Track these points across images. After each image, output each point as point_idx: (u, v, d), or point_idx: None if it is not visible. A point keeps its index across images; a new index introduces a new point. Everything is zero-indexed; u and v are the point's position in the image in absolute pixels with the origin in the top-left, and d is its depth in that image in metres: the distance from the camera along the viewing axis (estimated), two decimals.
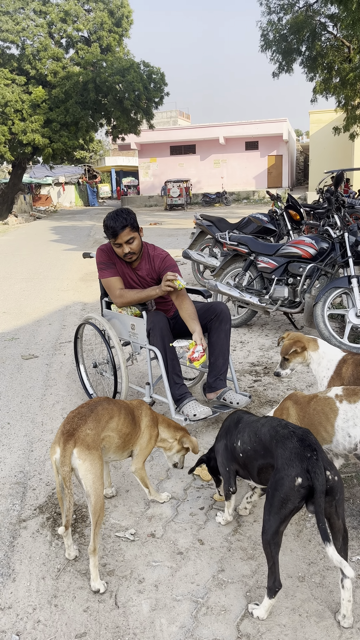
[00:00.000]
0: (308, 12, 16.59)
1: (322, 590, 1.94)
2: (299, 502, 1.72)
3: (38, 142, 21.43)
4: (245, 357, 4.54)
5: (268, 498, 1.77)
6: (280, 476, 1.75)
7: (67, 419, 2.14)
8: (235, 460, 2.13)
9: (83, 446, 2.02)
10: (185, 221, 18.27)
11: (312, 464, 1.73)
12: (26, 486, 2.73)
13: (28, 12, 22.88)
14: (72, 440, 2.02)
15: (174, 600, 1.93)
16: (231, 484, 2.19)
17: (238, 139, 30.94)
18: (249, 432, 2.04)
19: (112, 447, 2.24)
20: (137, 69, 21.75)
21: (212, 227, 7.50)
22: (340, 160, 26.18)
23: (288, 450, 1.79)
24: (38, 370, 4.45)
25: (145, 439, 2.40)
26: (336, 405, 2.21)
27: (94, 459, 2.02)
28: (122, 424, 2.26)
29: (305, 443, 1.79)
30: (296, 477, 1.72)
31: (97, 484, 1.99)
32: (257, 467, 1.98)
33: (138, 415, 2.41)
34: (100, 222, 20.68)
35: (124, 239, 3.16)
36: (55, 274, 9.49)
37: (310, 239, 4.95)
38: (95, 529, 1.98)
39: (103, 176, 43.55)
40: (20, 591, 2.01)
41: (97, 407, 2.20)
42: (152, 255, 3.35)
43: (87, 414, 2.14)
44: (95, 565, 1.98)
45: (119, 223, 3.12)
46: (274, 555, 1.75)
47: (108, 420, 2.20)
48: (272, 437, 1.89)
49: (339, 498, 1.75)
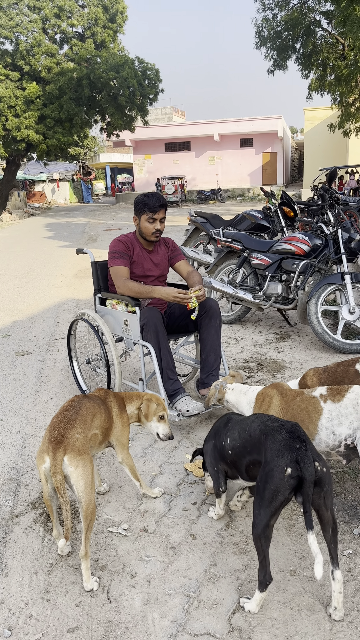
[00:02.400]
0: (302, 8, 16.58)
1: (313, 584, 1.95)
2: (288, 494, 1.74)
3: (32, 138, 21.31)
4: (239, 353, 4.54)
5: (258, 491, 1.78)
6: (270, 467, 1.77)
7: (52, 425, 2.07)
8: (224, 460, 2.14)
9: (74, 452, 1.96)
10: (179, 218, 18.25)
11: (301, 454, 1.75)
12: (19, 482, 2.73)
13: (22, 7, 22.73)
14: (61, 448, 1.96)
15: (166, 594, 1.94)
16: (220, 484, 2.21)
17: (233, 136, 30.92)
18: (239, 429, 2.07)
19: (96, 444, 2.22)
20: (132, 65, 21.65)
21: (206, 223, 7.50)
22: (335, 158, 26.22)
23: (277, 442, 1.81)
24: (31, 366, 4.44)
25: (119, 427, 2.35)
26: (320, 405, 2.23)
27: (86, 464, 1.97)
28: (103, 419, 2.25)
29: (294, 435, 1.82)
30: (286, 467, 1.74)
31: (88, 489, 1.95)
32: (245, 463, 2.00)
33: (109, 405, 2.35)
34: (94, 219, 20.64)
35: (159, 216, 3.35)
36: (49, 270, 9.47)
37: (304, 235, 4.96)
38: (86, 533, 1.94)
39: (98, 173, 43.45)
40: (12, 586, 2.01)
41: (80, 408, 2.15)
42: (164, 239, 3.61)
43: (73, 418, 2.08)
44: (87, 568, 1.96)
45: (160, 201, 3.35)
46: (264, 549, 1.76)
47: (92, 419, 2.16)
48: (261, 431, 1.91)
49: (327, 489, 1.77)
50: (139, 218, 3.39)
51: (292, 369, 4.09)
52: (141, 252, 3.46)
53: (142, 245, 3.48)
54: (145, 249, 3.48)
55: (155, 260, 3.51)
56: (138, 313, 3.19)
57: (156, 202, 3.32)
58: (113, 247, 3.42)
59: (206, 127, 30.73)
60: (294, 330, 5.21)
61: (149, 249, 3.49)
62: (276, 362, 4.25)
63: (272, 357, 4.38)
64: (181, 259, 3.60)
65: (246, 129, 30.02)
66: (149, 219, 3.34)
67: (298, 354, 4.43)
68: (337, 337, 4.33)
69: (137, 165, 33.51)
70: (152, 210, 3.32)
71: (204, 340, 3.32)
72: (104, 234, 15.01)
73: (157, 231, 3.38)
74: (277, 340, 4.86)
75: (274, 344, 4.74)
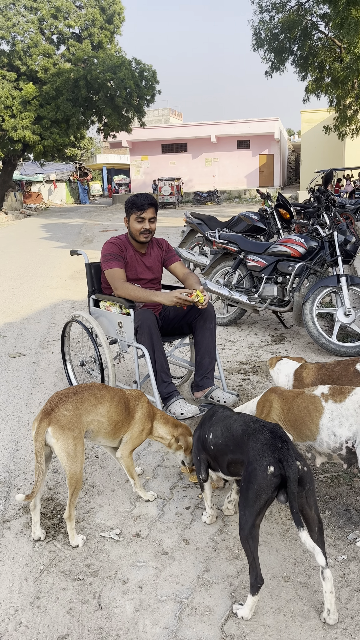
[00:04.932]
0: (299, 11, 16.61)
1: (307, 590, 1.93)
2: (272, 492, 1.74)
3: (29, 139, 21.28)
4: (234, 355, 4.52)
5: (242, 492, 1.78)
6: (253, 467, 1.77)
7: (50, 398, 2.22)
8: (206, 451, 2.16)
9: (57, 426, 2.10)
10: (176, 219, 18.24)
11: (283, 453, 1.76)
12: (10, 486, 2.70)
13: (19, 7, 22.71)
14: (47, 419, 2.11)
15: (158, 601, 1.91)
16: (201, 472, 2.22)
17: (230, 138, 30.96)
18: (222, 427, 2.08)
19: (102, 432, 2.31)
20: (129, 66, 21.66)
21: (202, 225, 7.49)
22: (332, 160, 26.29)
23: (259, 441, 1.83)
24: (25, 368, 4.41)
25: (137, 429, 2.43)
26: (322, 404, 2.20)
27: (67, 439, 2.10)
28: (114, 411, 2.32)
29: (276, 435, 1.83)
30: (268, 466, 1.75)
31: (70, 461, 2.11)
32: (227, 460, 2.02)
33: (134, 405, 2.45)
34: (91, 220, 20.61)
35: (148, 215, 3.29)
36: (44, 271, 9.43)
37: (300, 237, 4.94)
38: (71, 499, 2.13)
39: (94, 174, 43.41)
40: (2, 592, 1.98)
41: (83, 391, 2.27)
42: (155, 240, 3.53)
43: (69, 396, 2.22)
44: (72, 528, 2.17)
45: (148, 200, 3.30)
46: (253, 550, 1.75)
47: (95, 405, 2.26)
48: (243, 432, 1.93)
49: (309, 489, 1.77)
50: (129, 218, 3.35)
51: None
52: (134, 254, 3.41)
53: (135, 248, 3.42)
54: (138, 252, 3.43)
55: (148, 263, 3.46)
56: (132, 315, 3.17)
57: (144, 201, 3.27)
58: (106, 249, 3.37)
59: (203, 129, 30.76)
60: (289, 332, 5.19)
61: (142, 251, 3.44)
62: None
63: (267, 360, 4.36)
64: (176, 260, 3.55)
65: (243, 130, 30.07)
66: (137, 218, 3.29)
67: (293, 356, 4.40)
68: (333, 340, 4.31)
69: (134, 166, 33.50)
70: (140, 209, 3.27)
71: (199, 343, 3.29)
72: (100, 235, 14.98)
73: (145, 231, 3.31)
74: (272, 343, 4.84)
75: (270, 346, 4.73)
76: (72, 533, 2.18)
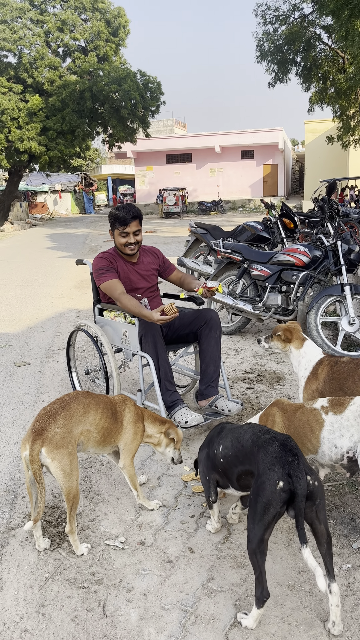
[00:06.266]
0: (303, 23, 16.77)
1: (312, 598, 1.93)
2: (280, 507, 1.72)
3: (34, 149, 21.47)
4: (238, 364, 4.53)
5: (251, 505, 1.77)
6: (262, 480, 1.75)
7: (38, 416, 2.17)
8: (216, 469, 2.13)
9: (51, 446, 2.08)
10: (180, 229, 18.32)
11: (293, 468, 1.73)
12: (16, 494, 2.71)
13: (25, 21, 23.00)
14: (40, 440, 2.07)
15: (162, 609, 1.91)
16: (211, 494, 2.20)
17: (234, 148, 31.12)
18: (232, 438, 2.06)
19: (91, 442, 2.28)
20: (134, 78, 21.86)
21: (207, 234, 7.52)
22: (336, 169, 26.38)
23: (270, 454, 1.80)
24: (30, 377, 4.43)
25: (130, 434, 2.41)
26: (322, 417, 2.21)
27: (63, 457, 2.09)
28: (101, 418, 2.29)
29: (287, 448, 1.81)
30: (278, 480, 1.72)
31: (66, 478, 2.10)
32: (237, 472, 1.99)
33: (121, 410, 2.42)
34: (96, 230, 20.71)
35: (132, 229, 3.24)
36: (49, 281, 9.49)
37: (304, 247, 4.97)
38: (70, 513, 2.13)
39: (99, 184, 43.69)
40: (7, 600, 1.99)
41: (70, 402, 2.23)
42: (147, 249, 3.53)
43: (58, 412, 2.17)
44: (74, 540, 2.18)
45: (130, 213, 3.23)
46: (260, 565, 1.74)
47: (83, 415, 2.24)
48: (253, 443, 1.90)
49: (320, 503, 1.76)
50: (113, 232, 3.30)
51: (292, 380, 4.07)
52: (125, 265, 3.38)
53: (125, 259, 3.39)
54: (129, 262, 3.40)
55: (142, 272, 3.43)
56: (137, 324, 3.19)
57: (127, 214, 3.20)
58: (97, 264, 3.33)
59: (207, 139, 30.94)
60: None
61: (133, 260, 3.42)
62: (276, 374, 4.24)
63: (271, 369, 4.37)
64: (174, 268, 3.60)
65: (247, 141, 30.22)
66: (121, 233, 3.25)
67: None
68: (337, 349, 4.32)
69: (139, 176, 33.71)
70: (123, 224, 3.21)
71: (204, 351, 3.31)
72: (105, 244, 15.05)
73: (130, 244, 3.27)
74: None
75: (274, 356, 4.73)
76: (76, 544, 2.19)
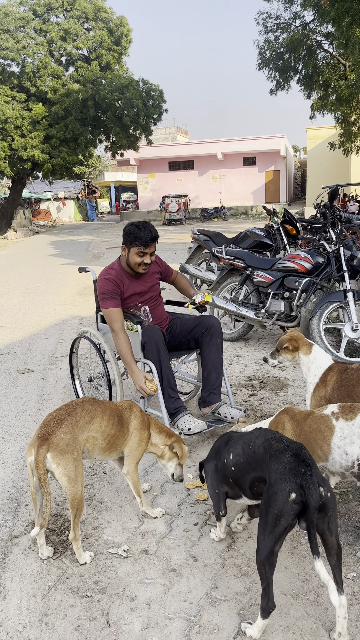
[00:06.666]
0: (304, 30, 16.87)
1: (317, 607, 1.91)
2: (292, 519, 1.69)
3: (38, 157, 21.61)
4: (241, 371, 4.52)
5: (262, 515, 1.74)
6: (274, 491, 1.72)
7: (44, 422, 2.18)
8: (226, 480, 2.09)
9: (56, 451, 2.08)
10: (183, 236, 18.35)
11: (306, 479, 1.70)
12: (19, 502, 2.70)
13: (28, 30, 23.21)
14: (45, 445, 2.08)
15: (166, 618, 1.90)
16: (220, 508, 2.16)
17: (236, 155, 31.24)
18: (242, 444, 2.02)
19: (97, 449, 2.29)
20: (136, 86, 22.01)
21: (209, 241, 7.53)
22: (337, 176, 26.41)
23: (282, 464, 1.77)
24: (34, 384, 4.43)
25: (135, 440, 2.41)
26: (332, 423, 2.19)
27: (68, 463, 2.09)
28: (107, 425, 2.30)
29: (300, 458, 1.77)
30: (290, 492, 1.69)
31: (71, 484, 2.10)
32: (249, 480, 1.95)
33: (127, 417, 2.43)
34: (99, 237, 20.77)
35: (150, 250, 3.21)
36: (53, 288, 9.51)
37: (306, 253, 4.97)
38: (74, 520, 2.13)
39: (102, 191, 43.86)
40: (10, 609, 1.98)
41: (76, 409, 2.24)
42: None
43: (63, 418, 2.18)
44: (78, 547, 2.17)
45: (152, 234, 3.18)
46: (268, 577, 1.72)
47: (89, 422, 2.24)
48: (266, 450, 1.87)
49: (332, 514, 1.73)
50: (128, 249, 3.22)
51: (295, 387, 4.06)
52: (130, 281, 3.33)
53: (130, 275, 3.33)
54: (133, 277, 3.35)
55: (146, 283, 3.40)
56: (139, 331, 3.19)
57: (148, 236, 3.15)
58: (101, 287, 3.25)
59: (209, 146, 31.07)
60: None
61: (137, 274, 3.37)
62: (279, 380, 4.23)
63: (274, 375, 4.36)
64: (172, 271, 3.62)
65: (249, 147, 30.35)
66: (139, 252, 3.18)
67: (301, 372, 4.39)
68: (340, 355, 4.31)
69: (141, 183, 33.84)
70: (144, 244, 3.16)
71: (206, 359, 3.31)
72: (108, 251, 15.09)
73: (145, 264, 3.24)
74: None
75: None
76: (79, 552, 2.19)
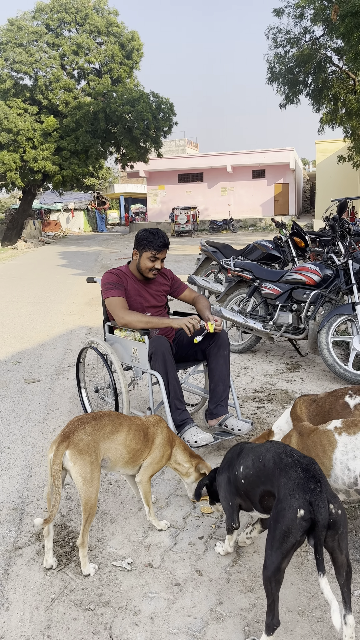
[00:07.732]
0: (314, 45, 16.99)
1: (323, 625, 1.88)
2: (300, 536, 1.66)
3: (48, 169, 21.85)
4: (248, 383, 4.50)
5: (270, 530, 1.72)
6: (282, 507, 1.69)
7: (69, 422, 2.25)
8: (238, 492, 2.06)
9: (75, 450, 2.11)
10: (192, 247, 18.41)
11: (315, 496, 1.67)
12: (23, 512, 2.69)
13: (41, 44, 23.60)
14: (65, 442, 2.12)
15: (170, 633, 1.88)
16: (234, 520, 2.13)
17: (245, 168, 31.38)
18: (252, 457, 1.99)
19: (120, 461, 2.32)
20: (147, 99, 22.26)
21: (217, 253, 7.55)
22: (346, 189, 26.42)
23: (291, 480, 1.74)
24: (40, 394, 4.43)
25: (157, 455, 2.44)
26: (334, 438, 2.16)
27: (85, 464, 2.11)
28: (131, 439, 2.33)
29: (310, 474, 1.74)
30: (299, 508, 1.66)
31: (86, 486, 2.11)
32: (259, 493, 1.93)
33: (153, 431, 2.46)
34: (108, 248, 20.88)
35: (162, 256, 3.33)
36: (61, 298, 9.55)
37: (315, 265, 4.96)
38: (84, 525, 2.13)
39: (112, 203, 44.19)
40: (13, 621, 1.96)
41: (102, 417, 2.30)
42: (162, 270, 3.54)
43: (88, 421, 2.24)
44: (84, 555, 2.16)
45: (164, 240, 3.33)
46: (274, 593, 1.69)
47: (113, 432, 2.28)
48: (275, 464, 1.84)
49: (342, 532, 1.69)
50: (140, 253, 3.35)
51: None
52: (136, 284, 3.43)
53: (137, 279, 3.45)
54: (140, 282, 3.46)
55: (152, 291, 3.48)
56: (147, 342, 3.19)
57: (161, 242, 3.30)
58: (106, 279, 3.40)
59: (219, 159, 31.25)
60: (304, 360, 5.16)
61: (144, 280, 3.47)
62: (286, 393, 4.21)
63: (282, 388, 4.33)
64: (185, 287, 3.62)
65: (258, 160, 30.48)
66: (151, 257, 3.32)
67: (309, 385, 4.38)
68: (349, 368, 4.28)
69: (151, 195, 34.05)
70: (156, 250, 3.30)
71: (213, 370, 3.29)
72: (117, 262, 15.15)
73: (156, 269, 3.36)
74: (287, 371, 4.82)
75: (285, 374, 4.70)
76: (85, 560, 2.17)
